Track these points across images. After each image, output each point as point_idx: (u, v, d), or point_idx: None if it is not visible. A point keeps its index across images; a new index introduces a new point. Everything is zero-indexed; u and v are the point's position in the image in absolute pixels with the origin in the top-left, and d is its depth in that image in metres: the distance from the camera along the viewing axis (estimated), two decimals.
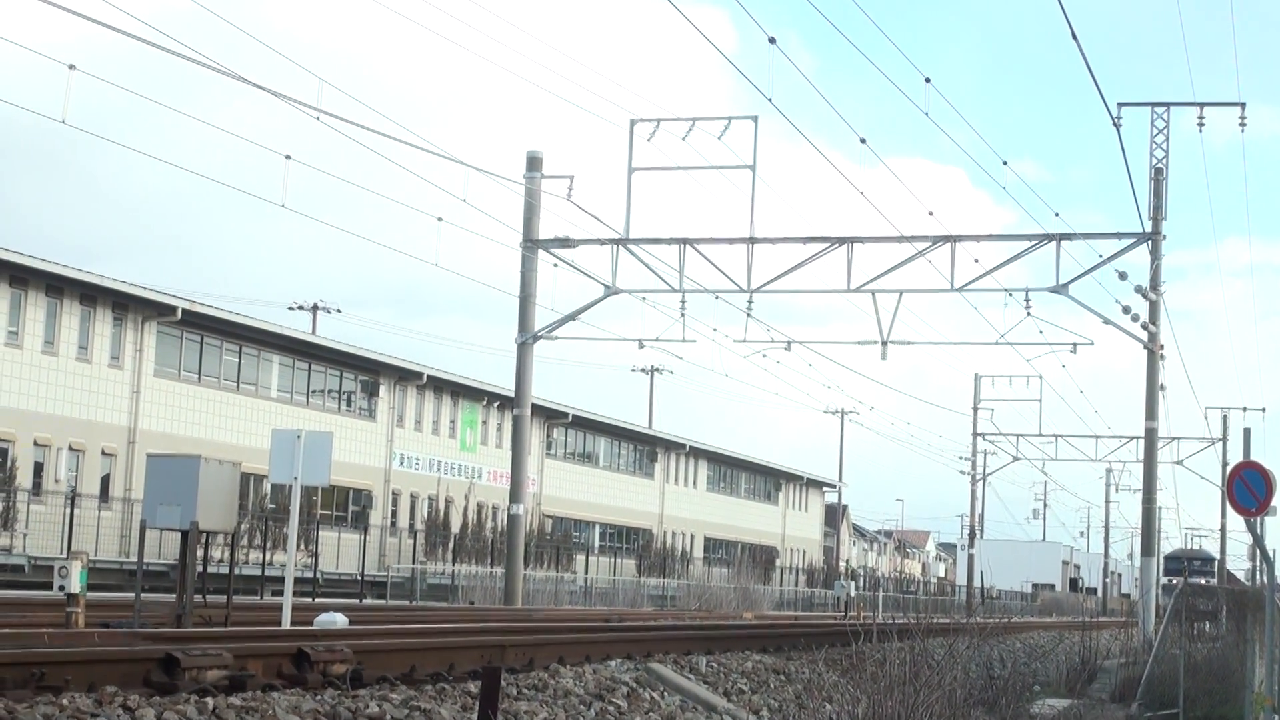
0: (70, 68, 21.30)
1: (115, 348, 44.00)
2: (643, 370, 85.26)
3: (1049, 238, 34.24)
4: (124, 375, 44.26)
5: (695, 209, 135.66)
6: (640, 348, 38.87)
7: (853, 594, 64.50)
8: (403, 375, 56.63)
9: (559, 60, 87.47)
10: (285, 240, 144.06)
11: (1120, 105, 35.73)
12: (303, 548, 43.47)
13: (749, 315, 37.20)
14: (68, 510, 38.23)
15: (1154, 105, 37.70)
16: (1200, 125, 37.74)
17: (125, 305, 44.20)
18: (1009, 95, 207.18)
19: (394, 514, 56.49)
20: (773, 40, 23.90)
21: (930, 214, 35.41)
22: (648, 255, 35.56)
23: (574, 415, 66.45)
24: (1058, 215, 36.07)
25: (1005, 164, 34.10)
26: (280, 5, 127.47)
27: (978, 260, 34.59)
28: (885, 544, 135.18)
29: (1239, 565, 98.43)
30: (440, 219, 31.26)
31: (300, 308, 69.05)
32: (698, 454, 79.93)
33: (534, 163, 36.66)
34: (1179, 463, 68.88)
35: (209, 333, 47.64)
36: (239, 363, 49.20)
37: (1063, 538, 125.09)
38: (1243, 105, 38.00)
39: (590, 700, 13.67)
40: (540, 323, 37.52)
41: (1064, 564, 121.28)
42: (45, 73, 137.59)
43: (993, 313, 36.44)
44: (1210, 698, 21.97)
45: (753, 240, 34.46)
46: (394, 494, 56.68)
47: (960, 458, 75.03)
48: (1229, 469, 23.65)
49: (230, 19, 27.42)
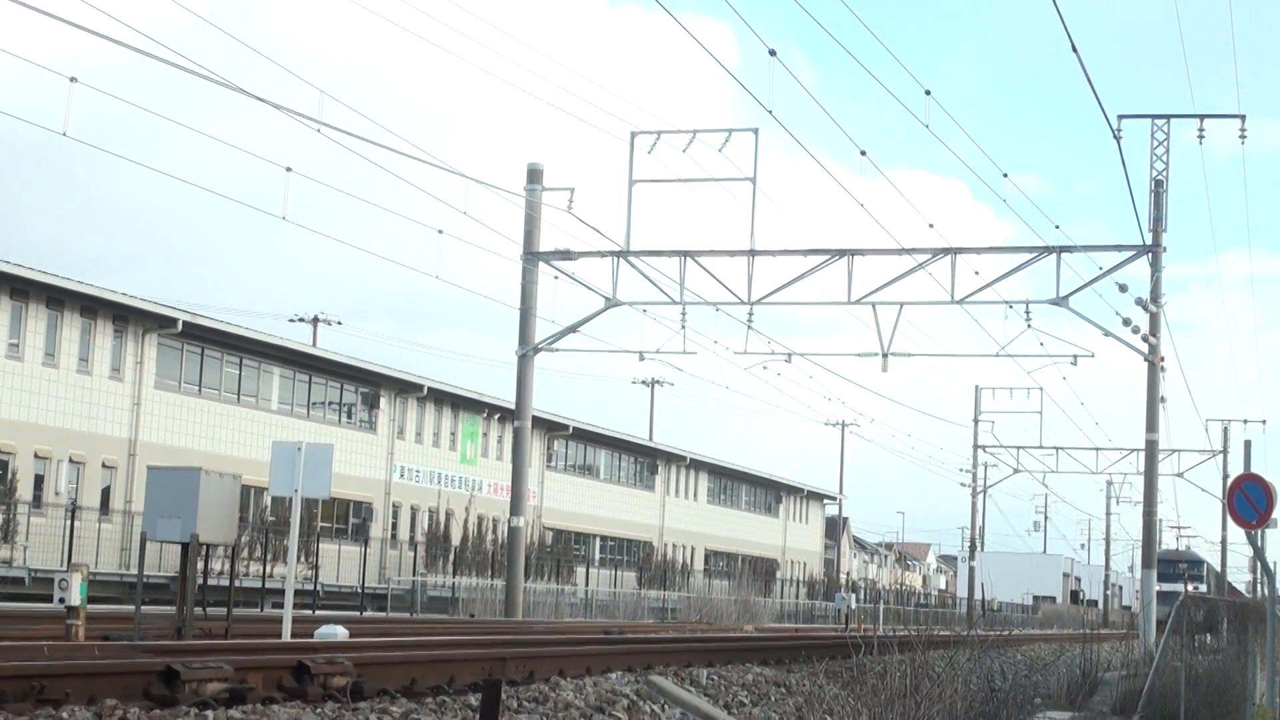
0: (71, 80, 21.31)
1: (116, 360, 44.02)
2: (643, 382, 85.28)
3: (1049, 250, 34.24)
4: (124, 387, 44.27)
5: (696, 221, 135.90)
6: (641, 360, 38.91)
7: (853, 606, 64.53)
8: (403, 387, 56.64)
9: (560, 73, 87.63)
10: (286, 252, 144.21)
11: (1120, 117, 35.73)
12: (303, 560, 43.44)
13: (749, 327, 37.26)
14: (68, 523, 38.22)
15: (1154, 117, 37.66)
16: (1200, 137, 37.70)
17: (126, 317, 44.22)
18: (1010, 108, 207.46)
19: (394, 526, 56.47)
20: (773, 53, 23.94)
21: (931, 226, 35.52)
22: (648, 267, 35.57)
23: (574, 427, 66.44)
24: (1058, 228, 36.35)
25: (1005, 176, 34.17)
26: (281, 18, 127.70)
27: (978, 272, 34.62)
28: (886, 556, 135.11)
29: (1240, 578, 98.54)
30: (441, 231, 31.25)
31: (301, 320, 69.15)
32: (698, 466, 79.90)
33: (534, 175, 36.67)
34: (1180, 475, 68.87)
35: (210, 345, 47.66)
36: (239, 375, 49.20)
37: (1063, 550, 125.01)
38: (1243, 118, 37.91)
39: (590, 713, 13.66)
40: (541, 335, 37.51)
41: (1065, 576, 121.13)
42: (47, 85, 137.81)
43: (993, 325, 36.60)
44: (1211, 710, 21.92)
45: (753, 252, 34.45)
46: (394, 506, 56.66)
47: (961, 470, 75.09)
48: (1230, 481, 23.66)
49: (231, 31, 27.50)
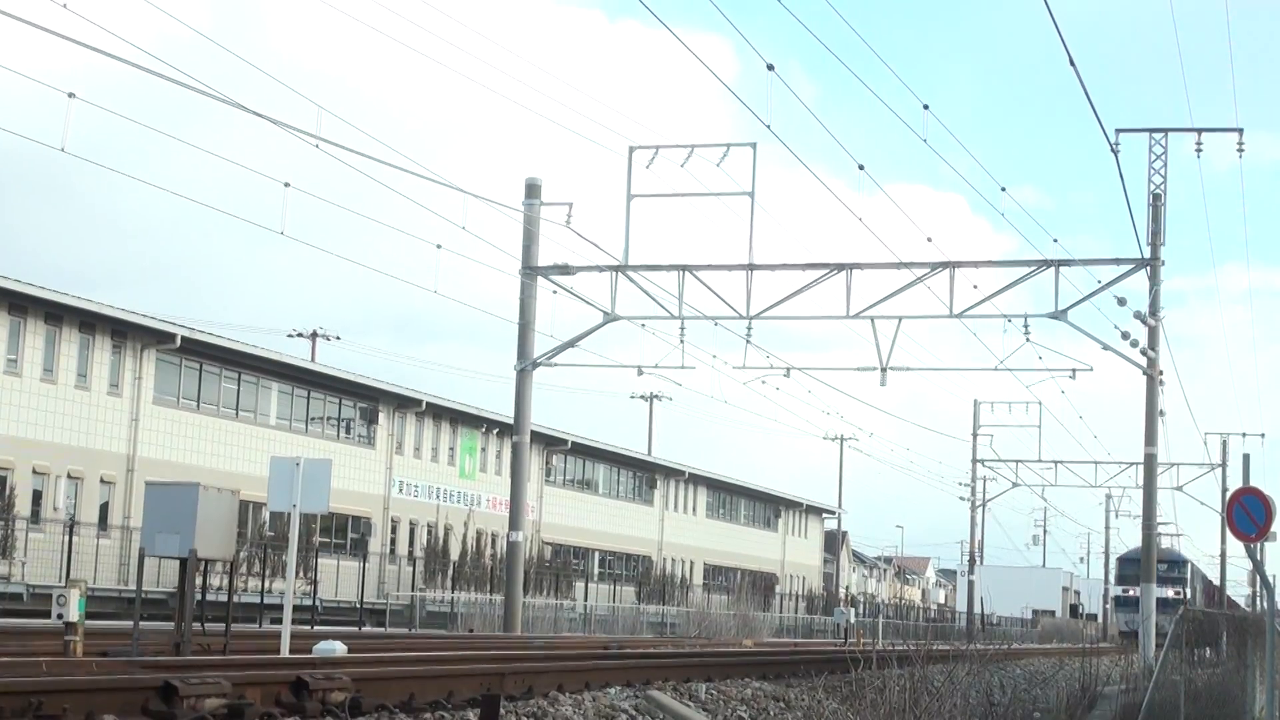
0: (70, 96, 21.33)
1: (114, 375, 43.98)
2: (642, 397, 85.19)
3: (1047, 264, 34.27)
4: (123, 403, 44.23)
5: (694, 236, 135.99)
6: (639, 374, 38.90)
7: (852, 620, 64.48)
8: (402, 402, 56.60)
9: (558, 88, 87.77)
10: (284, 267, 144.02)
11: (1118, 131, 35.83)
12: (301, 575, 43.40)
13: (748, 342, 37.29)
14: (66, 538, 38.18)
15: (1152, 131, 37.72)
16: (1198, 151, 37.75)
17: (124, 333, 44.20)
18: (1008, 122, 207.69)
19: (393, 541, 56.40)
20: (771, 67, 23.98)
21: (929, 240, 35.52)
22: (647, 282, 35.59)
23: (573, 442, 66.40)
24: (1056, 241, 36.29)
25: (1004, 190, 34.21)
26: (280, 33, 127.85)
27: (977, 286, 34.64)
28: (885, 570, 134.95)
29: (1239, 591, 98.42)
30: (439, 246, 31.29)
31: (299, 335, 69.10)
32: (697, 481, 79.85)
33: (533, 190, 36.69)
34: (1179, 488, 68.93)
35: (208, 360, 47.63)
36: (238, 390, 49.16)
37: (1063, 564, 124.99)
38: (1240, 131, 37.99)
39: None
40: (539, 350, 37.52)
41: (1064, 590, 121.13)
42: (45, 101, 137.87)
43: (992, 339, 36.57)
44: None
45: (752, 267, 34.47)
46: (393, 521, 56.60)
47: (960, 484, 75.07)
48: (1229, 495, 23.64)
49: (230, 47, 27.53)
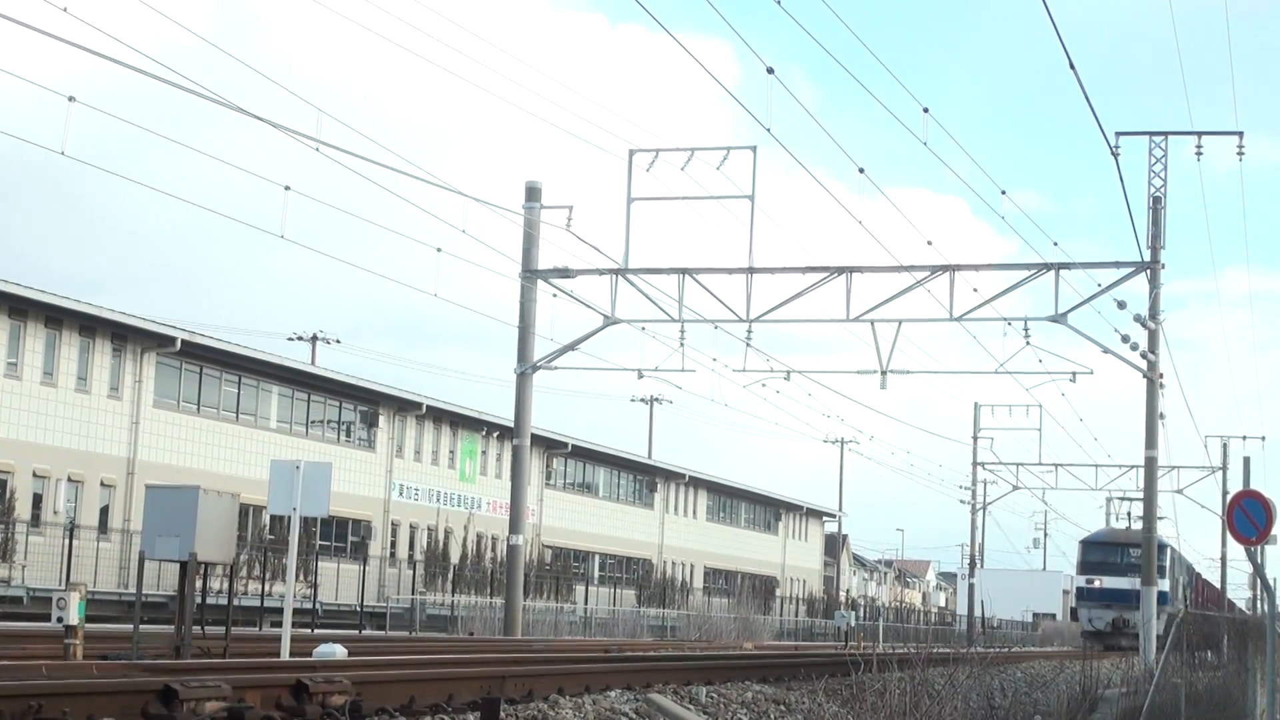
0: (70, 100, 21.33)
1: (114, 379, 43.99)
2: (642, 400, 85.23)
3: (1047, 267, 34.25)
4: (123, 406, 44.24)
5: (694, 239, 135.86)
6: (639, 378, 38.86)
7: (853, 624, 64.43)
8: (402, 406, 56.61)
9: (559, 91, 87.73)
10: (284, 271, 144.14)
11: (1118, 134, 35.79)
12: (302, 579, 43.38)
13: (748, 345, 37.24)
14: (66, 541, 38.18)
15: (1152, 134, 37.69)
16: (1198, 154, 37.74)
17: (124, 336, 44.20)
18: (1008, 125, 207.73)
19: (393, 544, 56.41)
20: (771, 70, 23.98)
21: (929, 243, 35.52)
22: (647, 285, 35.58)
23: (573, 445, 66.41)
24: (1056, 244, 36.22)
25: (1004, 193, 34.17)
26: (281, 37, 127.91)
27: (976, 290, 34.62)
28: (885, 573, 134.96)
29: (1240, 594, 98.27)
30: (439, 249, 31.28)
31: (299, 338, 69.12)
32: (697, 484, 79.85)
33: (533, 193, 36.68)
34: (1179, 491, 68.87)
35: (208, 363, 47.64)
36: (238, 393, 49.18)
37: (1063, 567, 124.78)
38: (1240, 134, 37.97)
39: None
40: (539, 353, 37.50)
41: (1065, 593, 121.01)
42: (45, 104, 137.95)
43: (992, 342, 36.53)
44: None
45: (752, 270, 34.46)
46: (393, 524, 56.60)
47: (960, 487, 74.98)
48: (1229, 498, 23.63)
49: (230, 51, 27.54)
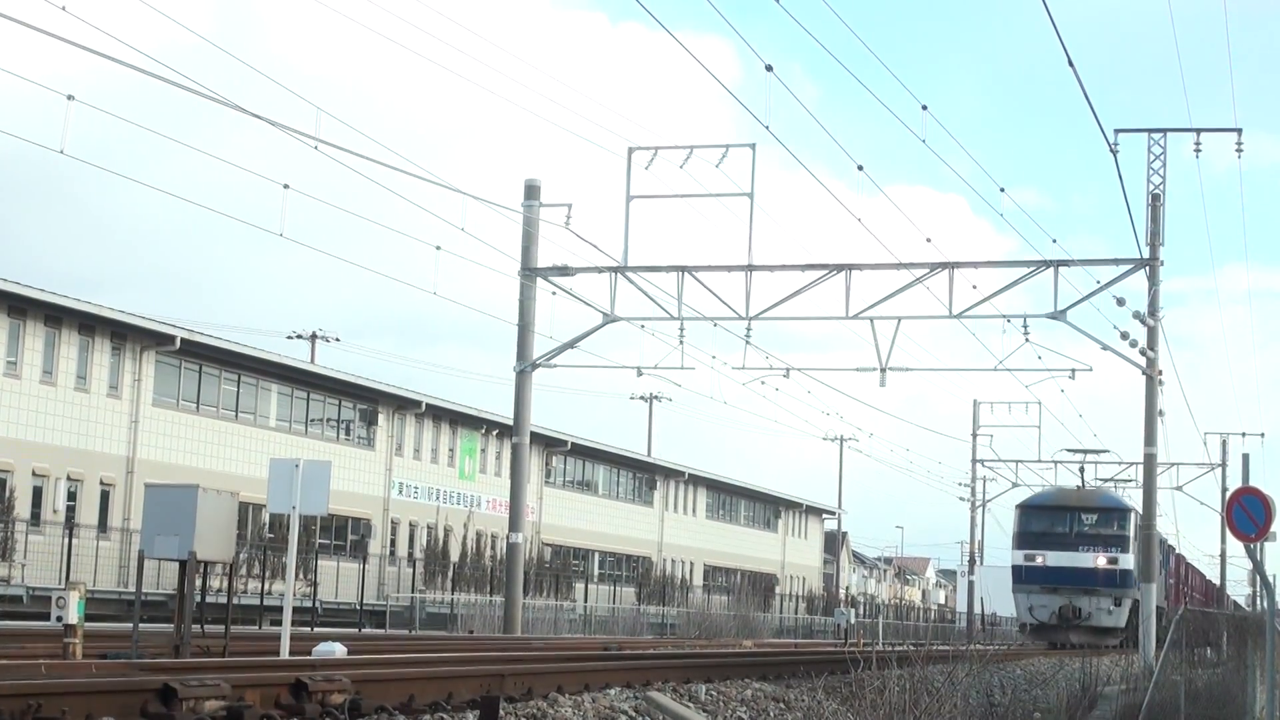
0: (69, 98, 21.33)
1: (114, 377, 43.98)
2: (641, 398, 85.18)
3: (1046, 264, 34.24)
4: (122, 405, 44.23)
5: (693, 237, 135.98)
6: (639, 375, 38.86)
7: (852, 621, 64.43)
8: (401, 404, 56.60)
9: (559, 89, 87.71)
10: (284, 269, 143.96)
11: (1117, 131, 35.79)
12: (301, 577, 43.38)
13: (747, 342, 37.25)
14: (66, 540, 38.18)
15: (1150, 131, 37.68)
16: (1197, 151, 37.73)
17: (124, 335, 44.20)
18: (1008, 122, 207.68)
19: (393, 543, 56.41)
20: (769, 68, 23.98)
21: (928, 241, 35.51)
22: (646, 283, 35.57)
23: (573, 443, 66.40)
24: (1055, 241, 36.17)
25: (1003, 191, 34.16)
26: (280, 36, 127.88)
27: (976, 287, 34.61)
28: (885, 571, 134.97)
29: (1240, 591, 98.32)
30: (439, 248, 31.27)
31: (299, 337, 69.06)
32: (697, 481, 79.85)
33: (532, 191, 36.68)
34: (1178, 488, 68.89)
35: (207, 362, 47.63)
36: (237, 392, 49.17)
37: None
38: (1239, 131, 37.97)
39: None
40: (539, 351, 37.50)
41: None
42: (44, 103, 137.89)
43: (991, 339, 36.47)
44: None
45: (751, 267, 34.46)
46: (393, 523, 56.60)
47: (960, 484, 74.94)
48: (1228, 494, 23.64)
49: (229, 50, 27.53)
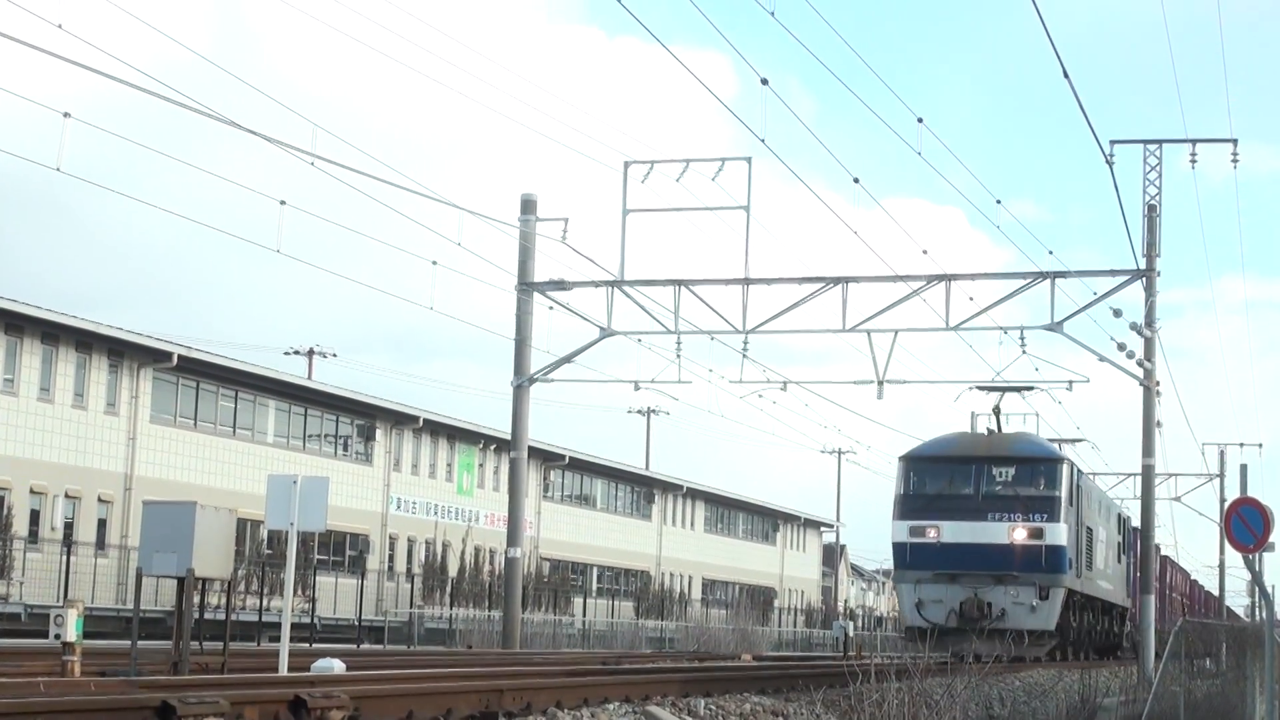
0: (65, 115, 21.35)
1: (111, 394, 43.97)
2: (639, 412, 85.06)
3: (1043, 275, 34.23)
4: (120, 422, 44.21)
5: (690, 250, 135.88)
6: (636, 389, 38.85)
7: (851, 634, 64.38)
8: (399, 419, 56.59)
9: (555, 104, 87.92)
10: (280, 286, 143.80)
11: (1113, 143, 35.83)
12: (299, 593, 43.33)
13: (745, 356, 37.25)
14: (64, 558, 38.14)
15: (1146, 142, 37.71)
16: (1193, 162, 37.81)
17: (121, 352, 44.19)
18: (1005, 135, 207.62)
19: (391, 558, 56.35)
20: (765, 81, 24.04)
21: (925, 253, 35.50)
22: (643, 297, 35.56)
23: (571, 457, 66.37)
24: (1052, 253, 36.08)
25: (999, 203, 34.18)
26: (274, 52, 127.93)
27: (972, 299, 34.60)
28: (884, 583, 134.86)
29: (1239, 601, 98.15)
30: (435, 263, 31.28)
31: (296, 353, 68.97)
32: (695, 495, 79.82)
33: (528, 205, 36.68)
34: (1177, 499, 68.86)
35: (205, 379, 47.62)
36: (235, 408, 49.16)
37: None
38: (1235, 142, 38.08)
39: None
40: (536, 365, 37.47)
41: None
42: (40, 121, 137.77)
43: (988, 351, 36.31)
44: None
45: (748, 281, 34.45)
46: (391, 538, 56.56)
47: None
48: (1227, 505, 23.63)
49: (225, 66, 27.50)
